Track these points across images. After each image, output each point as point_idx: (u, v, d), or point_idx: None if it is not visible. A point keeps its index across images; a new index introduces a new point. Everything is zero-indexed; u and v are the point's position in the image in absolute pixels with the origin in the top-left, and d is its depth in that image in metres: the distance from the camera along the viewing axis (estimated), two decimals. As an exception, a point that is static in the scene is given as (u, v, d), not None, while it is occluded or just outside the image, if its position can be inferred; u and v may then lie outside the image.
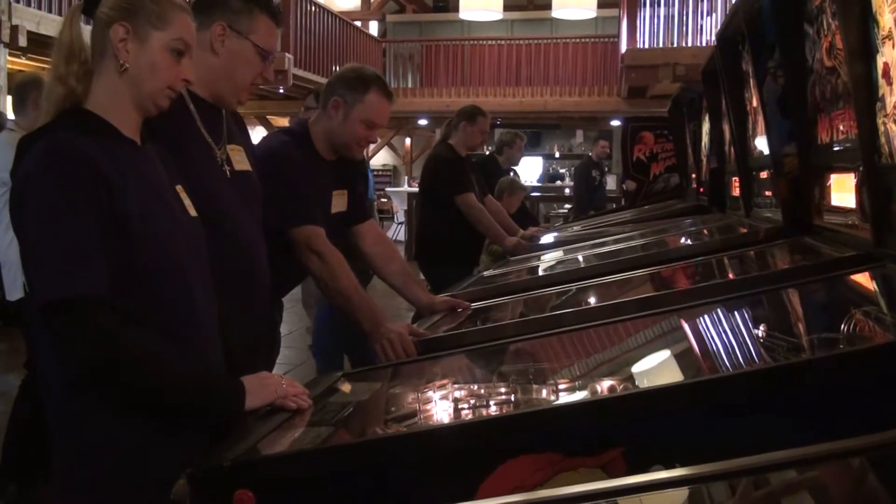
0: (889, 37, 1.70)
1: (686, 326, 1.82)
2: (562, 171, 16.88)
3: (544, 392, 1.54)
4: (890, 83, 1.72)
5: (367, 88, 2.49)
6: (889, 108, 1.74)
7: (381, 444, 1.36)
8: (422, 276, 4.50)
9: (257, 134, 11.75)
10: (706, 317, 1.84)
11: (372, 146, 16.86)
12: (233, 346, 1.70)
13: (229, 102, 1.99)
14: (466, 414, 1.47)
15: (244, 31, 1.93)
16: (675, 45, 9.40)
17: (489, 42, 14.80)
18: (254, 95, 4.87)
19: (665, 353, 1.76)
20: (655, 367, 1.64)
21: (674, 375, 1.58)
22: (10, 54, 7.24)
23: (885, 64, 1.73)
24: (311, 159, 2.51)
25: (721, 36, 3.28)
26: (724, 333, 1.73)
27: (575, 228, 5.80)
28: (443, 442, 1.32)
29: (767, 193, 3.00)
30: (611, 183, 11.53)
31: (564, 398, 1.49)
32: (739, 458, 0.98)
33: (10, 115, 4.07)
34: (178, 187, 1.62)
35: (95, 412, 1.44)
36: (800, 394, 1.22)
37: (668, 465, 1.07)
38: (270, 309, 2.28)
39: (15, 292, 3.58)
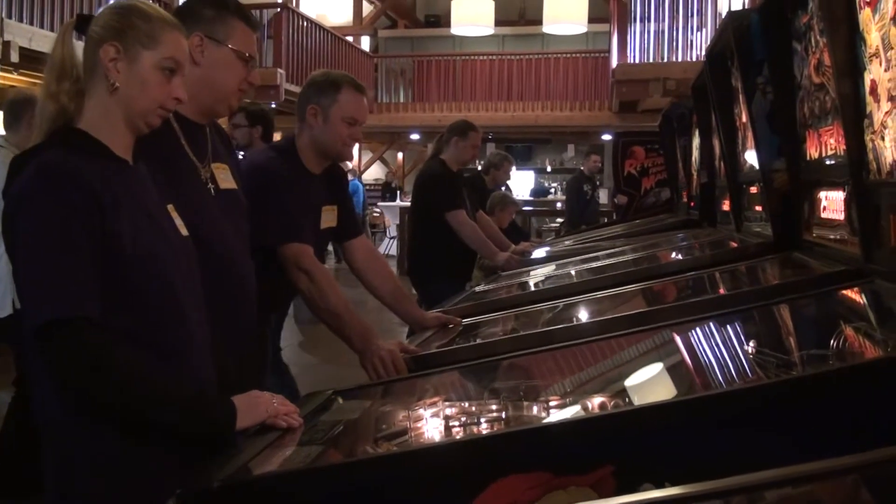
0: (876, 54, 1.71)
1: (677, 342, 1.82)
2: (553, 185, 16.90)
3: (535, 409, 1.54)
4: (877, 100, 1.73)
5: (338, 88, 2.50)
6: (877, 125, 1.75)
7: (371, 464, 1.35)
8: (414, 292, 4.49)
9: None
10: (697, 333, 1.84)
11: (364, 160, 16.92)
12: (224, 364, 1.70)
13: (219, 111, 2.00)
14: (457, 432, 1.46)
15: (221, 38, 1.94)
16: (666, 60, 9.45)
17: (481, 57, 14.85)
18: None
19: (656, 370, 1.76)
20: (646, 384, 1.64)
21: (665, 392, 1.58)
22: (2, 70, 7.23)
23: (873, 81, 1.75)
24: (298, 174, 2.50)
25: (710, 52, 3.29)
26: (714, 349, 1.73)
27: (567, 243, 5.80)
28: (433, 461, 1.31)
29: (757, 208, 3.01)
30: (602, 197, 11.54)
31: (555, 416, 1.49)
32: (731, 477, 0.97)
33: (0, 131, 4.04)
34: (170, 207, 1.62)
35: (89, 429, 1.44)
36: (791, 410, 1.22)
37: (659, 484, 1.06)
38: (260, 326, 2.27)
39: (4, 308, 3.56)
